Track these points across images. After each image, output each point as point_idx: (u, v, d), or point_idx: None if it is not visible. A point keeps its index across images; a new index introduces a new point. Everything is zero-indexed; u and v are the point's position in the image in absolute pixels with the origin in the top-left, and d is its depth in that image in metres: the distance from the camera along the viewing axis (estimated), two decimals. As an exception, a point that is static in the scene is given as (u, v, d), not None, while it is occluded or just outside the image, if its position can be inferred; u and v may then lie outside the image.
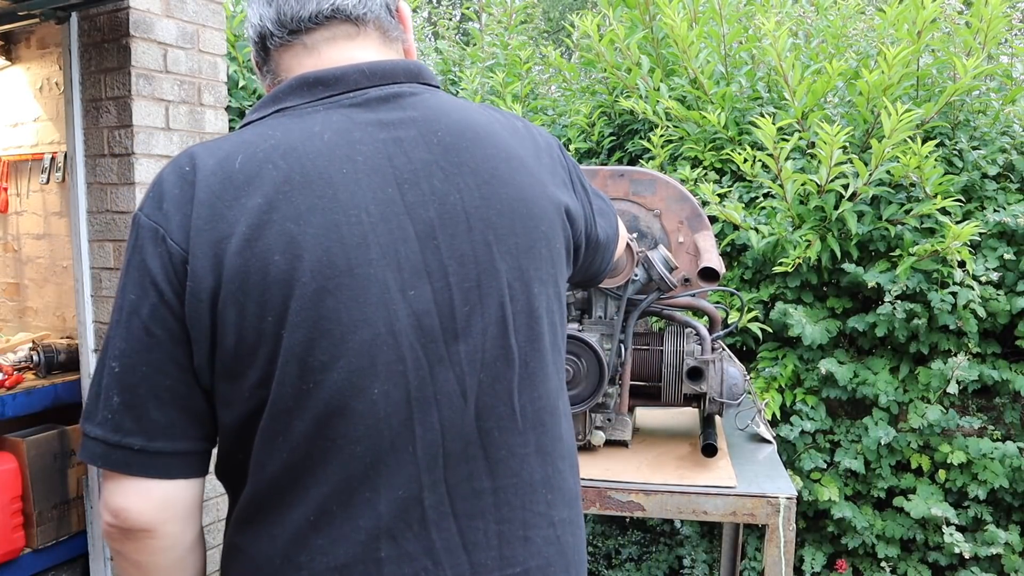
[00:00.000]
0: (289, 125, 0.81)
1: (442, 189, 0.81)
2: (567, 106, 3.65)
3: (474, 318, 0.81)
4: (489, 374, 0.82)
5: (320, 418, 0.77)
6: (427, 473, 0.80)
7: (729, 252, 2.85)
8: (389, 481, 0.78)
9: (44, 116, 3.02)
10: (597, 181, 1.84)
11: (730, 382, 1.67)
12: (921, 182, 2.53)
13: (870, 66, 2.77)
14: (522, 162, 0.87)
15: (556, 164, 0.94)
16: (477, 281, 0.81)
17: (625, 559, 3.18)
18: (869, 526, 2.66)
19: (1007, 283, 2.57)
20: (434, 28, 4.64)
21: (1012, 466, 2.53)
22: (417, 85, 0.87)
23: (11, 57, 3.11)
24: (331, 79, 0.83)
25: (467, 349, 0.81)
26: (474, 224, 0.81)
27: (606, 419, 1.70)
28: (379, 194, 0.79)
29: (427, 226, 0.80)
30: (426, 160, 0.82)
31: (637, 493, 1.54)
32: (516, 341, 0.83)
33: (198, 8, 2.69)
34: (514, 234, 0.83)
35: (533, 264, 0.85)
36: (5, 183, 3.27)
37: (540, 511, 0.86)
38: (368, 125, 0.82)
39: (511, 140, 0.88)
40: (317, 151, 0.79)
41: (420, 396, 0.79)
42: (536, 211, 0.86)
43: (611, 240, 1.09)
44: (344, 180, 0.78)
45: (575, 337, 1.60)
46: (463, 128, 0.85)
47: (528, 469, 0.85)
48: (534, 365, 0.85)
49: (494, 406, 0.83)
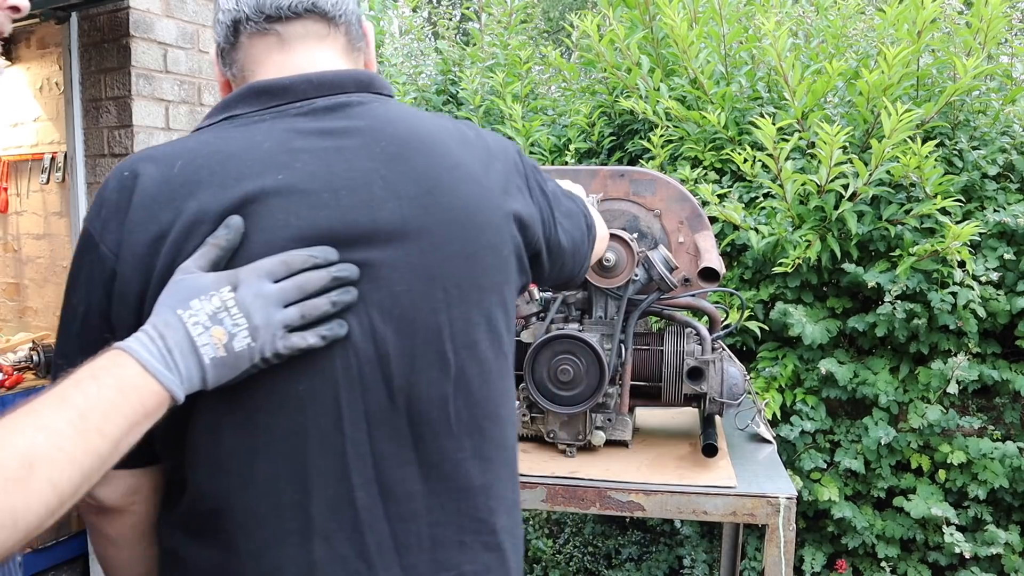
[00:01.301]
0: (233, 133, 0.83)
1: (381, 196, 0.82)
2: (567, 106, 3.65)
3: (408, 320, 0.82)
4: (422, 379, 0.83)
5: (247, 417, 0.79)
6: (358, 474, 0.81)
7: (729, 252, 2.85)
8: (319, 481, 0.80)
9: (44, 116, 3.03)
10: (597, 181, 1.84)
11: (730, 382, 1.67)
12: (921, 182, 2.53)
13: (870, 66, 2.77)
14: (467, 171, 0.87)
15: (511, 171, 0.94)
16: (409, 286, 0.82)
17: (625, 559, 3.18)
18: (869, 526, 2.66)
19: (1007, 283, 2.57)
20: (434, 28, 4.64)
21: (1012, 466, 2.53)
22: (367, 95, 0.88)
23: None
24: (279, 89, 0.86)
25: (399, 348, 0.82)
26: (410, 231, 0.82)
27: (606, 419, 1.70)
28: (314, 200, 0.80)
29: (363, 233, 0.81)
30: (367, 168, 0.83)
31: (637, 493, 1.54)
32: (452, 347, 0.84)
33: (198, 8, 2.70)
34: (454, 242, 0.84)
35: (473, 272, 0.86)
36: (5, 183, 3.27)
37: (480, 516, 0.87)
38: (311, 134, 0.83)
39: (458, 149, 0.89)
40: (255, 159, 0.80)
41: (350, 397, 0.80)
42: (480, 220, 0.86)
43: (580, 243, 1.09)
44: (279, 187, 0.80)
45: (575, 337, 1.60)
46: (408, 137, 0.86)
47: (464, 474, 0.86)
48: (471, 372, 0.86)
49: (428, 411, 0.84)
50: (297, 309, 0.77)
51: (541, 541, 3.33)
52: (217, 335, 0.74)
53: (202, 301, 0.75)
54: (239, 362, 0.75)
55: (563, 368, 1.61)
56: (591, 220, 1.14)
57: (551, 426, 1.70)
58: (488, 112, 3.67)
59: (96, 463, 0.68)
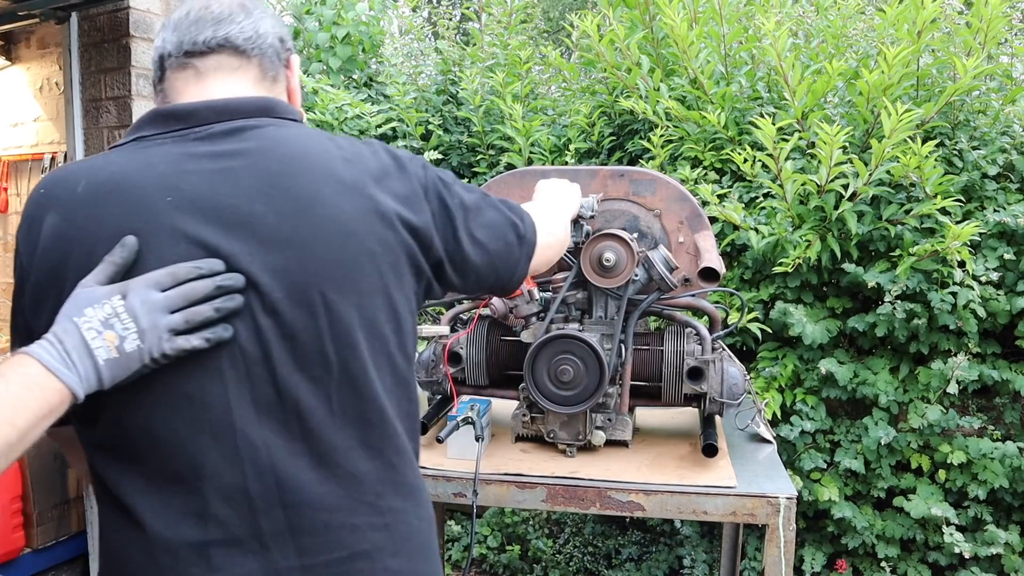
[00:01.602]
0: (137, 155, 0.94)
1: (261, 211, 0.91)
2: (567, 106, 3.65)
3: (287, 323, 0.90)
4: (305, 377, 0.91)
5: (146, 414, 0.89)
6: (250, 464, 0.89)
7: (729, 252, 2.85)
8: (214, 471, 0.89)
9: (44, 116, 3.03)
10: (597, 181, 1.84)
11: (730, 382, 1.67)
12: (921, 182, 2.53)
13: (870, 66, 2.76)
14: (346, 186, 0.95)
15: (411, 186, 1.01)
16: (287, 292, 0.90)
17: (625, 559, 3.18)
18: (869, 526, 2.66)
19: (1007, 283, 2.57)
20: (434, 28, 4.64)
21: (1012, 466, 2.53)
22: (265, 119, 0.98)
23: (11, 57, 3.11)
24: (184, 114, 0.96)
25: (281, 349, 0.90)
26: (289, 242, 0.91)
27: (606, 419, 1.70)
28: (197, 217, 0.90)
29: (245, 244, 0.90)
30: (251, 186, 0.91)
31: (637, 493, 1.54)
32: (332, 347, 0.92)
33: (198, 8, 2.70)
34: (331, 251, 0.92)
35: (352, 277, 0.93)
36: (5, 183, 3.27)
37: (367, 501, 0.95)
38: (202, 157, 0.93)
39: (342, 167, 0.96)
40: (147, 180, 0.91)
41: (239, 393, 0.89)
42: (361, 229, 0.94)
43: (502, 254, 1.12)
44: (167, 207, 0.89)
45: (575, 337, 1.60)
46: (293, 157, 0.94)
47: (352, 463, 0.94)
48: (354, 369, 0.93)
49: (313, 406, 0.91)
50: (182, 315, 0.87)
51: (541, 541, 3.33)
52: (109, 338, 0.85)
53: (95, 309, 0.85)
54: (130, 362, 0.85)
55: (563, 368, 1.60)
56: (525, 229, 1.16)
57: (551, 426, 1.70)
58: (488, 112, 3.67)
59: (5, 450, 0.79)
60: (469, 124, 3.76)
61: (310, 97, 3.66)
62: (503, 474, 1.60)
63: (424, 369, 1.85)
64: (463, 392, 1.84)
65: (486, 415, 1.71)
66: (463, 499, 1.58)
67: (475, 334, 1.81)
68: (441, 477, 1.61)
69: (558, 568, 3.26)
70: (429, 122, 3.73)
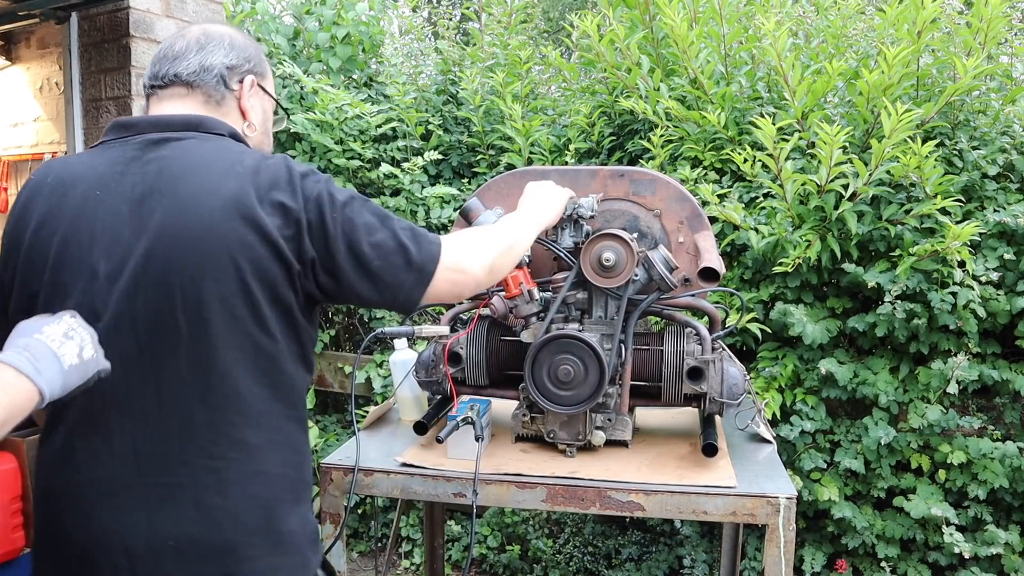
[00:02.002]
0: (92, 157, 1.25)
1: (150, 207, 1.17)
2: (567, 106, 3.65)
3: (152, 296, 1.15)
4: (162, 340, 1.15)
5: None
6: (113, 403, 1.16)
7: (729, 252, 2.85)
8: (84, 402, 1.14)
9: (44, 116, 3.03)
10: (597, 181, 1.84)
11: (730, 382, 1.67)
12: (921, 182, 2.53)
13: (870, 66, 2.76)
14: (220, 195, 1.16)
15: (293, 198, 1.19)
16: (145, 268, 1.15)
17: (625, 559, 3.18)
18: (869, 526, 2.66)
19: (1007, 283, 2.57)
20: (434, 28, 4.63)
21: (1012, 466, 2.53)
22: (189, 132, 1.25)
23: (11, 57, 3.11)
24: (131, 125, 1.26)
25: (145, 315, 1.15)
26: (166, 233, 1.15)
27: (606, 419, 1.70)
28: (112, 208, 1.18)
29: (135, 232, 1.16)
30: (152, 187, 1.18)
31: (637, 493, 1.54)
32: (184, 318, 1.14)
33: (198, 8, 2.70)
34: (195, 242, 1.14)
35: (210, 266, 1.14)
36: (5, 183, 3.27)
37: (199, 444, 1.17)
38: (132, 161, 1.21)
39: (223, 178, 1.18)
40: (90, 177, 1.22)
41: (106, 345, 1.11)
42: (225, 227, 1.15)
43: (384, 273, 1.24)
44: (96, 200, 1.19)
45: (575, 337, 1.60)
46: (187, 166, 1.19)
47: (190, 412, 1.16)
48: (202, 338, 1.15)
49: (166, 363, 1.16)
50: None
51: (541, 541, 3.33)
52: (71, 347, 1.02)
53: (53, 326, 1.02)
54: (88, 368, 1.04)
55: (563, 368, 1.60)
56: (419, 257, 1.26)
57: (551, 426, 1.70)
58: (488, 112, 3.67)
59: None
60: (469, 124, 3.76)
61: (310, 97, 3.66)
62: (503, 474, 1.60)
63: (424, 369, 1.85)
64: (463, 392, 1.84)
65: (486, 415, 1.71)
66: (463, 499, 1.58)
67: (475, 334, 1.81)
68: (441, 477, 1.61)
69: (558, 568, 3.26)
70: (429, 122, 3.72)
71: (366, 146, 3.57)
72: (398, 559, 3.48)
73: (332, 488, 1.66)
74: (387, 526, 3.58)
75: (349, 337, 3.89)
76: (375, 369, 3.41)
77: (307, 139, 3.56)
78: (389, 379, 3.29)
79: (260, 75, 1.38)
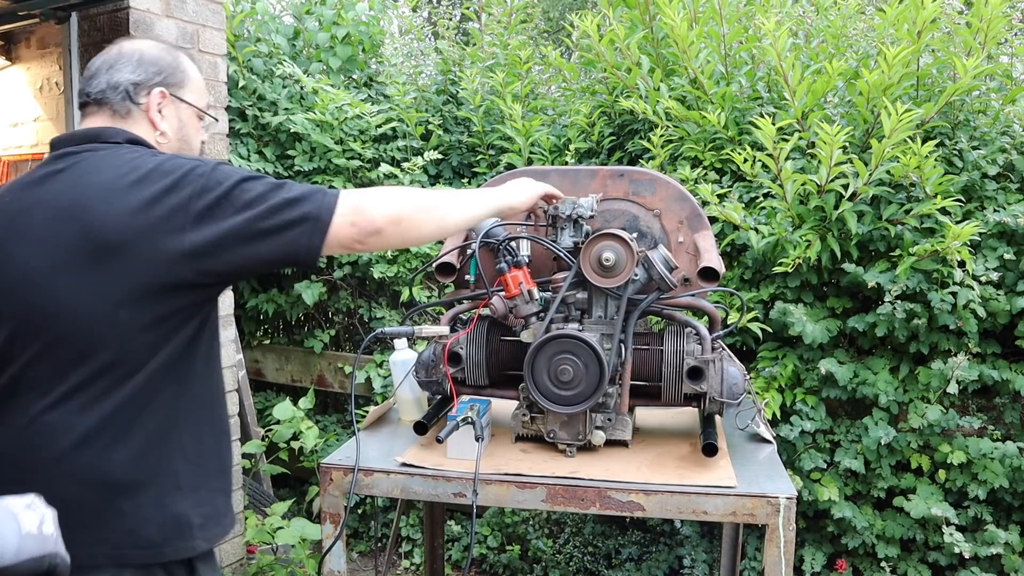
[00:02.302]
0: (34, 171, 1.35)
1: (44, 215, 1.26)
2: (567, 106, 3.65)
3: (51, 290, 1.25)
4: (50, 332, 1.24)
5: None
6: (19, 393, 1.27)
7: (729, 252, 2.85)
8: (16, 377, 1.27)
9: (44, 116, 3.03)
10: (597, 181, 1.84)
11: (730, 382, 1.67)
12: (921, 182, 2.53)
13: (870, 66, 2.76)
14: (110, 195, 1.24)
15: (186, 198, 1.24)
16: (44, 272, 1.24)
17: (625, 559, 3.18)
18: (869, 526, 2.66)
19: (1007, 283, 2.57)
20: (434, 28, 4.64)
21: (1012, 466, 2.53)
22: (88, 145, 1.33)
23: (11, 57, 3.11)
24: (53, 141, 1.38)
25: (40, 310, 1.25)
26: (58, 235, 1.25)
27: (606, 419, 1.70)
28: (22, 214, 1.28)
29: (34, 234, 1.26)
30: (52, 193, 1.28)
31: (637, 493, 1.54)
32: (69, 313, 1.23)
33: (198, 8, 2.70)
34: (82, 241, 1.23)
35: (88, 265, 1.23)
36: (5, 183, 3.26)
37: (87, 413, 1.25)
38: (41, 175, 1.32)
39: (117, 184, 1.25)
40: (12, 191, 1.33)
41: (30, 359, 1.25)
42: (107, 227, 1.22)
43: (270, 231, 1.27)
44: (11, 209, 1.30)
45: (575, 337, 1.60)
46: (80, 176, 1.28)
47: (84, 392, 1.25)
48: (86, 331, 1.23)
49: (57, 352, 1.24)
50: None
51: (541, 541, 3.33)
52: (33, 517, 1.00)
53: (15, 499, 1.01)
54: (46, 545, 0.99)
55: (563, 368, 1.60)
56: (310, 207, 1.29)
57: (551, 426, 1.70)
58: (488, 112, 3.67)
59: None
60: (469, 124, 3.76)
61: (310, 97, 3.66)
62: (503, 474, 1.60)
63: (424, 369, 1.85)
64: (463, 392, 1.84)
65: (486, 415, 1.71)
66: (463, 499, 1.58)
67: (475, 334, 1.81)
68: (441, 477, 1.61)
69: (558, 568, 3.26)
70: (429, 122, 3.73)
71: (366, 146, 3.57)
72: (398, 559, 3.48)
73: (332, 488, 1.66)
74: (387, 526, 3.58)
75: (349, 337, 3.89)
76: (375, 369, 3.41)
77: (307, 139, 3.56)
78: (389, 379, 3.29)
79: (174, 85, 1.43)
